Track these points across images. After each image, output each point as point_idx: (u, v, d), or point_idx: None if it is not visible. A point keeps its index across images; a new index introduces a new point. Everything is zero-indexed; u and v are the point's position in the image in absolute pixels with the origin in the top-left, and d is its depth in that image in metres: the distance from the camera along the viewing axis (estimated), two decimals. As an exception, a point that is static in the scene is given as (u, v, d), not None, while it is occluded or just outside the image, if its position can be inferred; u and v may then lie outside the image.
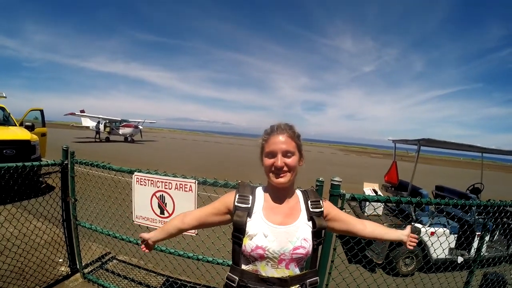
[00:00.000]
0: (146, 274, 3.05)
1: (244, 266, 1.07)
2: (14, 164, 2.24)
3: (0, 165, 2.17)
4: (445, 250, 3.68)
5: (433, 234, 3.77)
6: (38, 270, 2.60)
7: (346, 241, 2.42)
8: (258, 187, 1.18)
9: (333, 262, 2.03)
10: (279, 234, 1.04)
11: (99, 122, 27.18)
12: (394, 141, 5.20)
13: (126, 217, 2.51)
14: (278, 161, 1.03)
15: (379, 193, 4.50)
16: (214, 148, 32.39)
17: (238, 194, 1.12)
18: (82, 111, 26.97)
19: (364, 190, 4.75)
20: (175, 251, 2.35)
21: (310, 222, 1.09)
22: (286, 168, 1.04)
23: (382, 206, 4.27)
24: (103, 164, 2.43)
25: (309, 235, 1.07)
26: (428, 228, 3.84)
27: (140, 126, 28.45)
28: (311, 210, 1.11)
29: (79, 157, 2.64)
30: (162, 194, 2.13)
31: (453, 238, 3.92)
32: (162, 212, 2.16)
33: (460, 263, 3.78)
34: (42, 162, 2.53)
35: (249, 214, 1.07)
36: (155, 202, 2.17)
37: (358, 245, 2.39)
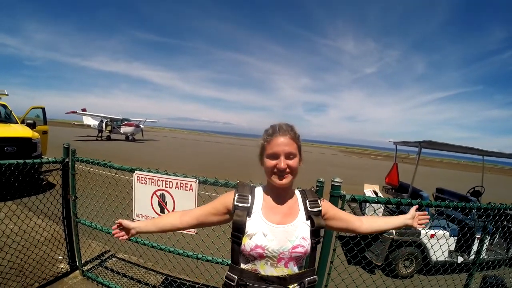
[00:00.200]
0: (145, 272, 3.05)
1: (243, 265, 1.07)
2: (15, 161, 2.24)
3: (1, 162, 2.18)
4: (444, 252, 3.68)
5: (433, 236, 3.77)
6: (38, 267, 2.61)
7: (346, 242, 2.42)
8: (257, 187, 1.18)
9: (332, 263, 2.03)
10: (278, 233, 1.04)
11: (102, 121, 27.21)
12: (395, 143, 5.19)
13: (126, 215, 2.51)
14: (281, 163, 1.03)
15: (380, 194, 4.50)
16: (215, 148, 32.41)
17: (237, 194, 1.12)
18: (83, 110, 27.04)
19: (364, 191, 4.75)
20: (175, 250, 2.35)
21: (309, 221, 1.10)
22: (288, 170, 1.04)
23: (382, 208, 4.26)
24: (104, 162, 2.43)
25: (307, 234, 1.08)
26: (428, 230, 3.83)
27: (141, 125, 28.50)
28: (310, 209, 1.12)
29: (80, 155, 2.64)
30: (163, 193, 2.13)
31: (453, 240, 3.92)
32: (162, 210, 2.16)
33: (460, 264, 3.77)
34: (43, 160, 2.53)
35: (248, 214, 1.07)
36: (156, 200, 2.17)
37: (357, 246, 2.39)
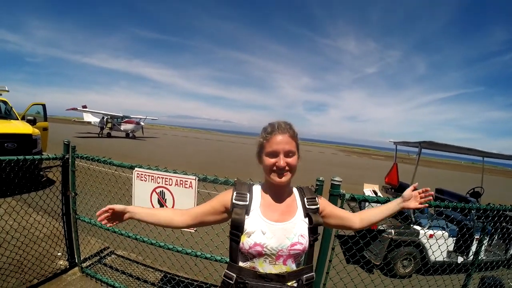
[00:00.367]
0: (144, 269, 3.06)
1: (241, 263, 1.07)
2: (15, 157, 2.24)
3: (1, 158, 2.18)
4: (443, 252, 3.68)
5: (431, 236, 3.78)
6: (37, 263, 2.61)
7: (345, 241, 2.42)
8: (254, 185, 1.19)
9: (331, 262, 2.03)
10: (277, 230, 1.05)
11: (103, 118, 27.19)
12: (395, 143, 5.19)
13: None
14: (281, 161, 1.04)
15: (379, 194, 4.50)
16: (215, 146, 32.41)
17: (235, 192, 1.12)
18: (84, 107, 27.02)
19: (364, 191, 4.75)
20: (174, 247, 2.36)
21: (307, 218, 1.11)
22: (287, 167, 1.05)
23: (381, 208, 4.27)
24: (104, 159, 2.43)
25: (305, 232, 1.08)
26: (427, 230, 3.84)
27: (141, 123, 28.50)
28: (308, 207, 1.12)
29: (81, 152, 2.65)
30: (162, 190, 2.13)
31: (451, 241, 3.92)
32: (162, 208, 2.17)
33: (459, 263, 3.78)
34: (43, 156, 2.53)
35: (247, 212, 1.08)
36: (155, 197, 2.17)
37: (356, 245, 2.40)
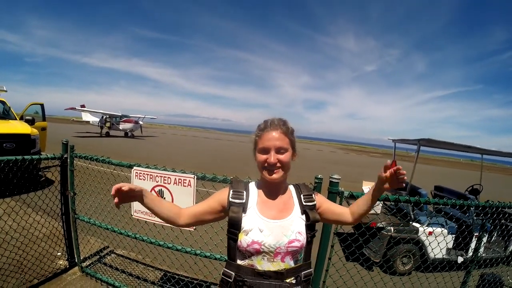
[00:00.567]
0: (144, 268, 3.06)
1: (240, 261, 1.07)
2: (13, 157, 2.24)
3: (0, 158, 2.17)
4: (442, 250, 3.69)
5: (431, 233, 3.79)
6: (37, 263, 2.61)
7: (344, 238, 2.43)
8: (251, 183, 1.19)
9: (330, 259, 2.03)
10: (274, 228, 1.05)
11: (103, 117, 27.15)
12: (394, 140, 5.19)
13: (124, 211, 2.51)
14: (271, 157, 1.03)
15: (378, 192, 4.50)
16: (214, 144, 32.39)
17: (232, 190, 1.12)
18: (82, 106, 26.96)
19: (363, 188, 4.75)
20: (173, 246, 2.36)
21: (304, 215, 1.11)
22: (279, 164, 1.05)
23: (380, 205, 4.27)
24: (103, 158, 2.43)
25: (303, 228, 1.08)
26: (426, 227, 3.85)
27: (140, 122, 28.45)
28: (304, 203, 1.12)
29: (79, 151, 2.64)
30: (161, 189, 2.13)
31: (450, 238, 3.94)
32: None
33: (459, 263, 3.79)
34: (41, 156, 2.52)
35: (244, 210, 1.07)
36: (154, 197, 2.17)
37: (355, 242, 2.40)
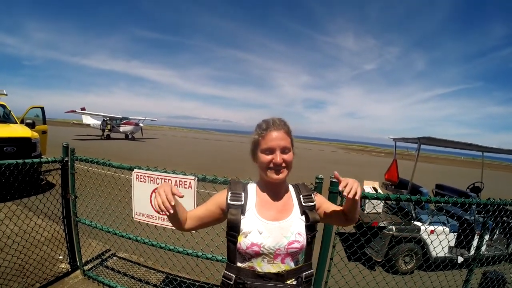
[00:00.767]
0: (146, 271, 3.06)
1: (240, 264, 1.06)
2: (14, 161, 2.23)
3: (0, 162, 2.17)
4: (444, 248, 3.68)
5: (432, 232, 3.78)
6: (39, 267, 2.61)
7: (346, 238, 2.43)
8: (249, 184, 1.18)
9: (332, 259, 2.03)
10: (274, 230, 1.04)
11: (105, 120, 27.20)
12: (394, 139, 5.19)
13: (126, 214, 2.52)
14: (278, 157, 1.03)
15: (379, 191, 4.50)
16: (214, 145, 32.39)
17: (230, 192, 1.11)
18: (82, 109, 26.99)
19: (364, 188, 4.75)
20: (175, 248, 2.36)
21: (303, 216, 1.10)
22: (284, 164, 1.04)
23: (381, 204, 4.27)
24: (103, 161, 2.43)
25: (303, 229, 1.07)
26: (427, 226, 3.84)
27: (140, 124, 28.47)
28: (304, 204, 1.11)
29: (80, 154, 2.64)
30: (162, 191, 2.12)
31: (452, 236, 3.93)
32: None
33: (460, 263, 3.79)
34: (42, 159, 2.52)
35: (242, 212, 1.06)
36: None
37: (357, 242, 2.40)
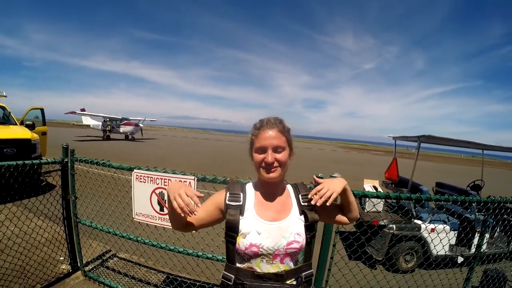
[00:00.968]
0: (146, 271, 3.06)
1: (239, 264, 1.06)
2: (14, 162, 2.24)
3: (0, 163, 2.17)
4: (445, 246, 3.68)
5: (433, 230, 3.78)
6: (39, 268, 2.61)
7: (346, 237, 2.43)
8: (248, 184, 1.17)
9: (332, 258, 2.03)
10: (272, 230, 1.03)
11: (105, 121, 27.23)
12: (394, 138, 5.19)
13: (126, 214, 2.52)
14: (269, 156, 1.02)
15: (379, 189, 4.50)
16: (214, 145, 32.39)
17: (228, 192, 1.10)
18: (82, 110, 27.00)
19: (364, 186, 4.75)
20: (175, 248, 2.36)
21: (302, 216, 1.09)
22: (276, 163, 1.03)
23: (381, 203, 4.27)
24: (103, 161, 2.43)
25: (302, 229, 1.07)
26: (428, 224, 3.84)
27: (140, 124, 28.48)
28: (303, 204, 1.11)
29: (80, 155, 2.64)
30: (162, 191, 2.12)
31: (453, 234, 3.93)
32: (162, 209, 2.16)
33: (460, 263, 3.79)
34: (42, 160, 2.53)
35: (241, 212, 1.06)
36: (155, 199, 2.17)
37: (357, 241, 2.40)
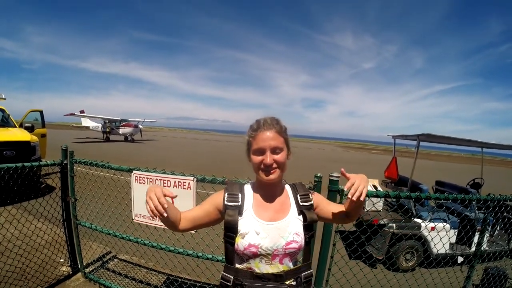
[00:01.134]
0: (146, 272, 3.06)
1: (238, 265, 1.06)
2: (13, 164, 2.23)
3: (0, 166, 2.17)
4: (445, 245, 3.68)
5: (433, 229, 3.78)
6: (40, 270, 2.61)
7: (346, 236, 2.42)
8: (246, 184, 1.17)
9: (332, 257, 2.03)
10: (271, 230, 1.03)
11: (105, 123, 27.21)
12: (393, 136, 5.19)
13: (125, 215, 2.52)
14: (267, 158, 1.01)
15: (379, 188, 4.50)
16: (214, 146, 32.38)
17: (227, 193, 1.10)
18: (81, 112, 26.97)
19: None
20: (175, 249, 2.35)
21: (301, 216, 1.09)
22: (275, 164, 1.02)
23: (381, 202, 4.27)
24: (102, 163, 2.43)
25: (300, 229, 1.06)
26: (428, 223, 3.84)
27: (140, 126, 28.45)
28: (301, 204, 1.10)
29: (79, 157, 2.64)
30: (161, 192, 2.12)
31: (453, 233, 3.93)
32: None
33: (460, 263, 3.79)
34: (41, 163, 2.52)
35: (240, 213, 1.06)
36: (154, 200, 2.16)
37: (357, 240, 2.40)
